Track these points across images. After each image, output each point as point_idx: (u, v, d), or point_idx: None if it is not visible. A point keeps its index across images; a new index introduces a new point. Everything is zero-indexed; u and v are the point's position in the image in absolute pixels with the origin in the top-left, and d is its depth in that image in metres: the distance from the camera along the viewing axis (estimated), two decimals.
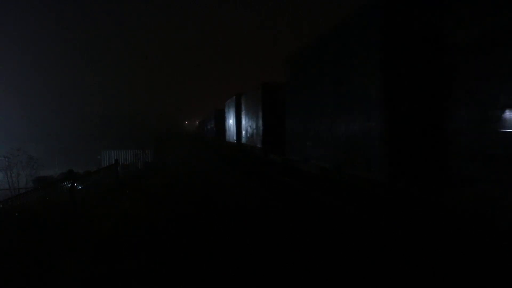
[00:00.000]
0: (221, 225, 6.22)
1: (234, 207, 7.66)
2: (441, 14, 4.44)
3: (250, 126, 15.93)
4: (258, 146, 14.07)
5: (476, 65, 3.89)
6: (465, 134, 4.04)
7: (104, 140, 38.62)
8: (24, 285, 4.31)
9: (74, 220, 6.94)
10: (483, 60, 3.76)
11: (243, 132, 17.81)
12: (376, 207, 5.65)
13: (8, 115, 51.75)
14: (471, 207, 3.96)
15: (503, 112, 3.46)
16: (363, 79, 5.77)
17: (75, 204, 7.49)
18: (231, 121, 21.39)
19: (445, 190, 4.35)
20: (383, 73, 5.16)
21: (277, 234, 5.56)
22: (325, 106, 7.56)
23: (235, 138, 19.79)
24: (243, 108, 17.86)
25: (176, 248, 5.17)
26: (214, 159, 19.83)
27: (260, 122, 13.65)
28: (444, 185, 4.37)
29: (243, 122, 17.70)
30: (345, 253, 4.58)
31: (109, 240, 5.65)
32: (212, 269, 4.35)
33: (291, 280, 3.98)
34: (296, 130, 9.59)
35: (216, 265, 4.47)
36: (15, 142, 21.66)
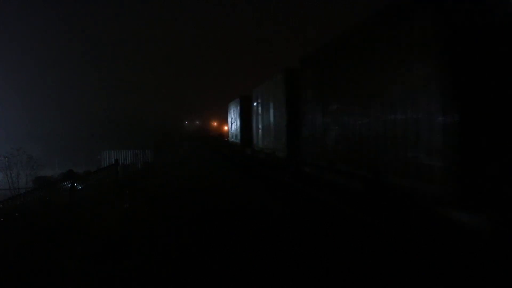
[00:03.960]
0: (222, 225, 6.21)
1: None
2: None
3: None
4: None
5: None
6: None
7: (104, 140, 38.62)
8: (24, 285, 4.31)
9: (74, 220, 6.94)
10: None
11: None
12: None
13: (8, 115, 51.78)
14: None
15: None
16: None
17: (75, 204, 7.49)
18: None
19: None
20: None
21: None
22: None
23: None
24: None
25: (175, 248, 5.17)
26: None
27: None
28: None
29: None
30: None
31: (108, 240, 5.64)
32: (213, 270, 4.34)
33: None
34: None
35: (217, 266, 4.46)
36: (15, 142, 21.65)
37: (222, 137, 45.01)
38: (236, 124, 20.02)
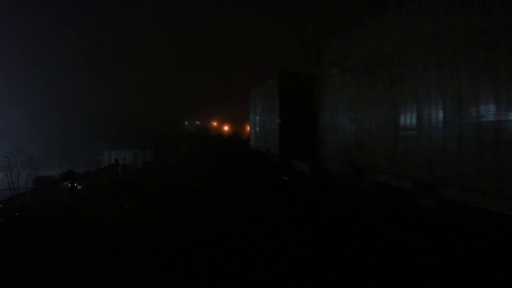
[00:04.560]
0: (222, 226, 6.21)
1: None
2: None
3: None
4: None
5: None
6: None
7: (104, 140, 38.64)
8: (24, 285, 4.31)
9: (74, 220, 6.93)
10: None
11: None
12: None
13: (8, 115, 51.76)
14: None
15: None
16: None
17: (75, 204, 7.48)
18: None
19: None
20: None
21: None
22: None
23: None
24: None
25: (175, 248, 5.17)
26: None
27: None
28: None
29: None
30: None
31: (108, 240, 5.65)
32: (213, 271, 4.34)
33: None
34: None
35: (217, 267, 4.46)
36: (15, 142, 21.64)
37: (222, 137, 45.77)
38: (270, 121, 12.91)
